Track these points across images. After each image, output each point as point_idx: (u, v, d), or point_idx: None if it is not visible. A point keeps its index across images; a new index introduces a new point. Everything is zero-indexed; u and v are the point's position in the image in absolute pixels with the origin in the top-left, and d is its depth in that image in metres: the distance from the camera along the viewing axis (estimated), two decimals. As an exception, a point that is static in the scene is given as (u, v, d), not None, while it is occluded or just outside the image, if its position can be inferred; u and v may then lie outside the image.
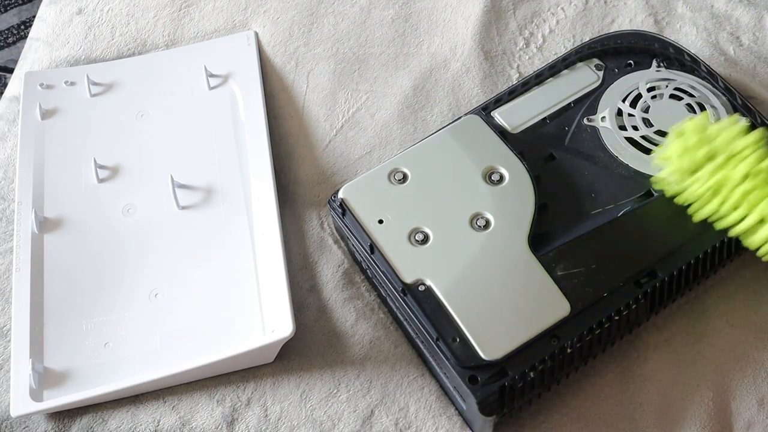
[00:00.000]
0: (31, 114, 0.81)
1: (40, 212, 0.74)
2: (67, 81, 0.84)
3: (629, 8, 0.85)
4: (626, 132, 0.69)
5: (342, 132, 0.80)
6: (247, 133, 0.78)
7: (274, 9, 0.88)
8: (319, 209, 0.75)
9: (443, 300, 0.61)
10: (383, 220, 0.65)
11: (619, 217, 0.64)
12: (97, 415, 0.65)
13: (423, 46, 0.85)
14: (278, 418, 0.65)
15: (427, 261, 0.63)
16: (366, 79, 0.83)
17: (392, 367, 0.67)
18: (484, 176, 0.66)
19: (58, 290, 0.70)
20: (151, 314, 0.69)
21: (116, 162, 0.78)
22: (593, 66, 0.74)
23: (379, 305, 0.70)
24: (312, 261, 0.72)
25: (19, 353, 0.66)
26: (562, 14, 0.86)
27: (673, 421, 0.63)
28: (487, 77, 0.81)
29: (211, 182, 0.75)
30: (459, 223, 0.64)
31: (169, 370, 0.64)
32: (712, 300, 0.68)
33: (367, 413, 0.65)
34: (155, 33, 0.88)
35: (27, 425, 0.65)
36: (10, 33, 1.50)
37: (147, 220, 0.74)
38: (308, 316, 0.69)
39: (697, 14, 0.84)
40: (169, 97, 0.82)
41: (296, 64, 0.84)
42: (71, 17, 0.90)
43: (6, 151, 0.81)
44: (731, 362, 0.66)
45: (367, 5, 0.88)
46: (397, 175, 0.68)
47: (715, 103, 0.69)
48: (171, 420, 0.65)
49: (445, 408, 0.65)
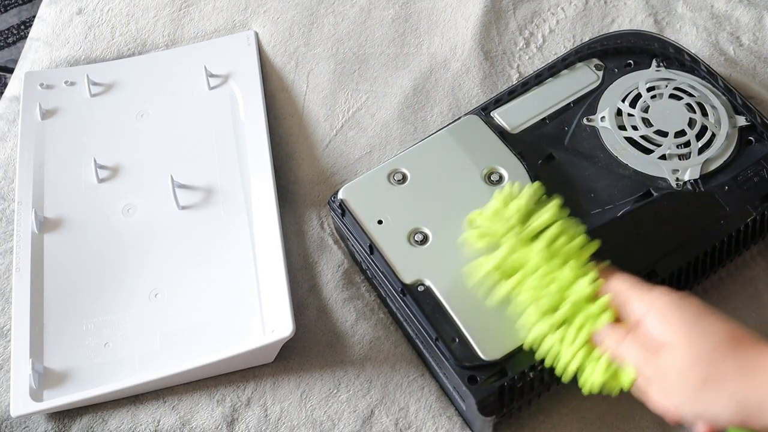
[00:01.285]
0: (31, 114, 0.81)
1: (40, 212, 0.74)
2: (67, 81, 0.84)
3: (629, 8, 0.85)
4: (626, 132, 0.69)
5: (342, 132, 0.80)
6: (247, 133, 0.78)
7: (274, 9, 0.88)
8: (319, 209, 0.75)
9: (442, 300, 0.61)
10: (383, 220, 0.65)
11: (618, 216, 0.64)
12: (97, 415, 0.65)
13: (423, 46, 0.85)
14: (278, 418, 0.65)
15: (426, 261, 0.63)
16: (366, 79, 0.83)
17: (392, 367, 0.67)
18: (483, 176, 0.66)
19: (58, 290, 0.70)
20: (151, 314, 0.69)
21: (116, 162, 0.78)
22: (593, 66, 0.74)
23: (378, 305, 0.70)
24: (312, 261, 0.72)
25: (19, 353, 0.66)
26: (562, 14, 0.85)
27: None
28: (487, 77, 0.81)
29: (211, 182, 0.76)
30: (458, 224, 0.64)
31: (169, 370, 0.64)
32: (712, 300, 0.68)
33: (367, 413, 0.65)
34: (155, 33, 0.88)
35: (27, 425, 0.65)
36: (10, 33, 1.50)
37: (147, 220, 0.74)
38: (308, 316, 0.69)
39: (697, 14, 0.84)
40: (169, 97, 0.82)
41: (296, 64, 0.84)
42: (71, 17, 0.90)
43: (6, 151, 0.81)
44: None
45: (367, 5, 0.88)
46: (397, 175, 0.68)
47: (714, 103, 0.69)
48: (171, 420, 0.65)
49: (445, 408, 0.65)
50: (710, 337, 0.48)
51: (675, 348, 0.48)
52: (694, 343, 0.48)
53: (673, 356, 0.48)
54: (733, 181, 0.66)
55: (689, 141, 0.67)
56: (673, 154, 0.67)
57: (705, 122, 0.68)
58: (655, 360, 0.49)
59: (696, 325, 0.48)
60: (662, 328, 0.49)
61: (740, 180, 0.66)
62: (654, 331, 0.50)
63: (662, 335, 0.49)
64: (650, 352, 0.50)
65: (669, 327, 0.49)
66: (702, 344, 0.47)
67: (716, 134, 0.68)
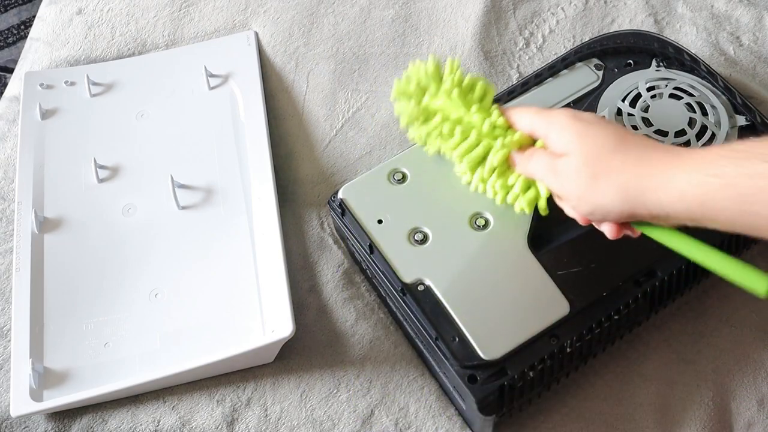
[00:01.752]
0: (31, 114, 0.81)
1: (40, 212, 0.74)
2: (67, 81, 0.84)
3: (629, 8, 0.85)
4: (626, 132, 0.68)
5: (342, 132, 0.80)
6: (247, 133, 0.78)
7: (274, 9, 0.88)
8: (319, 209, 0.75)
9: (442, 300, 0.61)
10: (383, 220, 0.65)
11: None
12: (97, 415, 0.65)
13: (423, 46, 0.85)
14: (278, 418, 0.65)
15: (426, 261, 0.63)
16: (366, 79, 0.83)
17: (392, 367, 0.67)
18: (483, 176, 0.66)
19: (58, 290, 0.70)
20: (151, 314, 0.69)
21: (116, 162, 0.78)
22: (593, 66, 0.74)
23: (378, 305, 0.70)
24: (312, 261, 0.72)
25: (19, 353, 0.66)
26: (562, 14, 0.85)
27: (672, 421, 0.63)
28: (487, 77, 0.81)
29: (211, 182, 0.75)
30: (458, 223, 0.64)
31: (169, 370, 0.64)
32: (711, 300, 0.68)
33: (367, 413, 0.65)
34: (155, 33, 0.88)
35: (27, 425, 0.65)
36: (10, 33, 1.50)
37: (147, 220, 0.74)
38: (308, 316, 0.69)
39: (697, 14, 0.84)
40: (169, 97, 0.82)
41: (296, 64, 0.84)
42: (71, 17, 0.90)
43: (6, 151, 0.81)
44: (731, 362, 0.66)
45: (367, 5, 0.88)
46: (397, 175, 0.68)
47: (714, 102, 0.69)
48: (171, 420, 0.65)
49: (445, 408, 0.65)
50: (599, 139, 0.53)
51: (570, 154, 0.54)
52: (585, 145, 0.53)
53: (568, 160, 0.54)
54: (733, 181, 0.65)
55: (689, 141, 0.67)
56: (673, 153, 0.67)
57: (705, 122, 0.68)
58: (556, 167, 0.55)
59: (588, 131, 0.54)
60: (561, 140, 0.55)
61: (740, 180, 0.65)
62: (555, 145, 0.56)
63: (562, 147, 0.55)
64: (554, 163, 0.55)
65: (566, 137, 0.54)
66: (592, 146, 0.53)
67: (716, 134, 0.68)
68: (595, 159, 0.52)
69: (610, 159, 0.52)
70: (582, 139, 0.53)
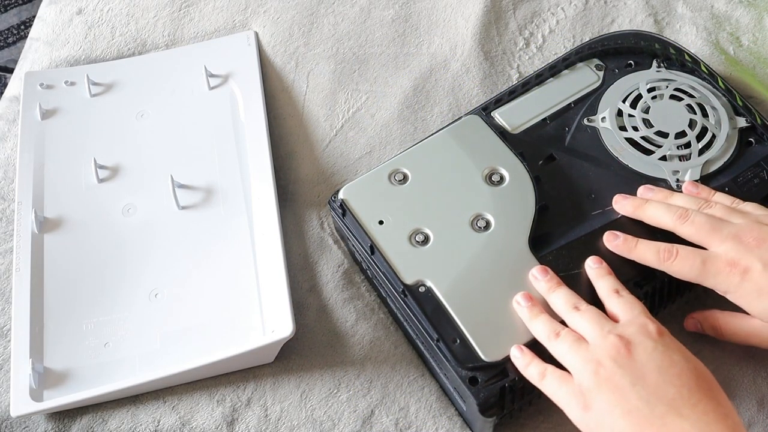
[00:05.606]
0: (31, 114, 0.81)
1: (40, 212, 0.74)
2: (67, 81, 0.84)
3: (629, 8, 0.85)
4: (626, 132, 0.69)
5: (342, 132, 0.80)
6: (247, 133, 0.78)
7: (274, 9, 0.88)
8: (319, 209, 0.75)
9: (443, 301, 0.61)
10: (383, 220, 0.65)
11: (619, 218, 0.64)
12: (97, 415, 0.65)
13: (423, 46, 0.85)
14: (278, 418, 0.65)
15: (427, 262, 0.63)
16: (366, 79, 0.83)
17: (392, 367, 0.67)
18: (484, 177, 0.67)
19: (58, 290, 0.70)
20: (151, 314, 0.69)
21: (116, 162, 0.78)
22: (593, 66, 0.74)
23: (379, 305, 0.70)
24: (312, 261, 0.72)
25: (19, 353, 0.66)
26: (562, 14, 0.85)
27: (672, 421, 0.63)
28: (487, 77, 0.81)
29: (211, 182, 0.75)
30: (459, 224, 0.64)
31: (169, 370, 0.64)
32: (712, 300, 0.68)
33: (367, 413, 0.65)
34: (155, 33, 0.88)
35: (27, 425, 0.65)
36: (10, 33, 1.50)
37: (147, 220, 0.74)
38: (308, 316, 0.69)
39: (697, 14, 0.84)
40: (169, 97, 0.82)
41: (296, 64, 0.84)
42: (71, 17, 0.90)
43: (6, 151, 0.81)
44: (731, 362, 0.66)
45: (367, 5, 0.88)
46: (398, 175, 0.68)
47: (715, 104, 0.69)
48: (171, 420, 0.65)
49: (445, 408, 0.65)
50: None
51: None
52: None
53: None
54: (733, 183, 0.66)
55: (690, 142, 0.67)
56: (673, 155, 0.67)
57: (705, 123, 0.68)
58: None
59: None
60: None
61: (740, 181, 0.66)
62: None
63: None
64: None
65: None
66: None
67: (717, 135, 0.68)
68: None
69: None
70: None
